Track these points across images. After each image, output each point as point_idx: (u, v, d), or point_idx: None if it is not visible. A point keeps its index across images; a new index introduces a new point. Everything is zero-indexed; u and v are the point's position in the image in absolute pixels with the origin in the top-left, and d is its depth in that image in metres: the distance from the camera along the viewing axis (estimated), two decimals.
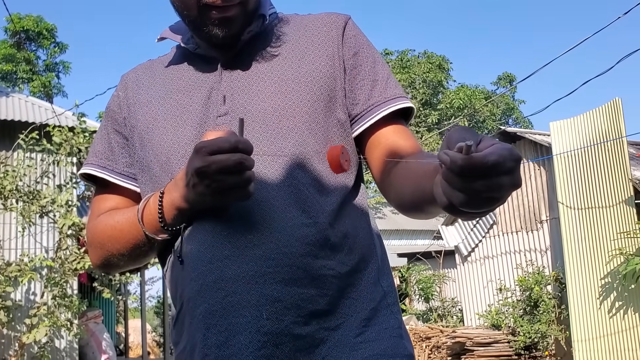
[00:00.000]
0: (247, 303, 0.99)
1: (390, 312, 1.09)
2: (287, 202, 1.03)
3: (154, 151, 1.13)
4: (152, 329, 21.61)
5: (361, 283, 1.06)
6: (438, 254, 12.56)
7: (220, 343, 1.00)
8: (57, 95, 26.20)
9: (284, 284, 0.99)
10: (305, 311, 1.00)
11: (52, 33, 25.55)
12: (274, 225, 1.01)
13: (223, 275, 1.00)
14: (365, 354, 1.02)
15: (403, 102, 1.16)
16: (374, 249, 1.12)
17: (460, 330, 8.88)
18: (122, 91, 1.24)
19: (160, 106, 1.16)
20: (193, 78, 1.16)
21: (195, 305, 1.03)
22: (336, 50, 1.16)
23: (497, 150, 0.71)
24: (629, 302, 7.42)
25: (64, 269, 8.04)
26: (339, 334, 1.02)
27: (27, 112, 9.73)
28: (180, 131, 1.11)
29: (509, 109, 29.77)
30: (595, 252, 7.80)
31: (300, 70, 1.13)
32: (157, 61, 1.26)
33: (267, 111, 1.09)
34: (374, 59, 1.19)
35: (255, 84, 1.12)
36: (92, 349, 10.18)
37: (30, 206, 7.88)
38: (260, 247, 1.00)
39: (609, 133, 7.82)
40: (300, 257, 1.00)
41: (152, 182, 1.14)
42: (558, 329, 8.59)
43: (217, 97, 1.12)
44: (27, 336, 7.70)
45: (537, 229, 9.60)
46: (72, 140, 8.11)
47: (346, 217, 1.08)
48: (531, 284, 8.85)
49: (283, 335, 0.98)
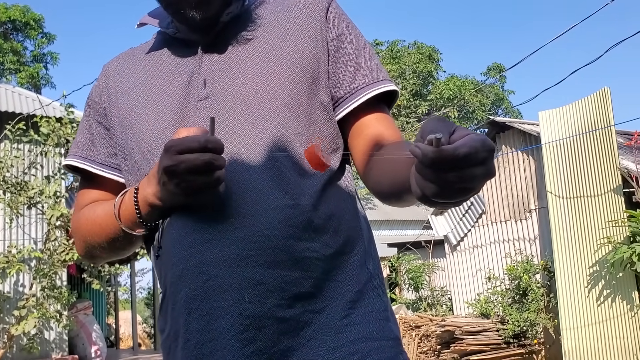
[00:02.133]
0: (229, 286, 0.97)
1: (377, 295, 1.08)
2: (269, 184, 1.01)
3: (135, 138, 1.12)
4: (142, 321, 21.60)
5: (347, 265, 1.05)
6: (427, 243, 12.60)
7: (202, 327, 0.99)
8: (45, 86, 26.02)
9: (266, 267, 0.98)
10: (289, 294, 0.98)
11: (40, 23, 25.32)
12: (256, 208, 1.00)
13: (204, 259, 0.99)
14: (350, 337, 1.01)
15: (387, 85, 1.15)
16: (360, 231, 1.11)
17: (450, 319, 8.92)
18: (103, 81, 1.22)
19: (141, 93, 1.14)
20: (173, 63, 1.15)
21: (176, 290, 1.02)
22: (319, 32, 1.14)
23: (468, 141, 0.71)
24: (616, 290, 7.47)
25: (53, 260, 8.02)
26: (324, 316, 1.01)
27: (14, 103, 9.66)
28: (161, 116, 1.10)
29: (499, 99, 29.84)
30: (583, 241, 7.84)
31: (282, 51, 1.11)
32: (139, 49, 1.25)
33: (249, 93, 1.07)
34: (357, 41, 1.17)
35: (236, 66, 1.10)
36: (82, 341, 10.17)
37: (18, 197, 7.84)
38: (242, 230, 0.99)
39: (598, 122, 7.85)
40: (282, 240, 0.99)
41: (133, 171, 1.13)
42: (547, 317, 8.65)
43: (197, 80, 1.11)
44: (15, 328, 7.68)
45: (526, 218, 9.64)
46: (59, 131, 8.07)
47: (331, 199, 1.06)
48: (520, 273, 8.89)
49: (266, 318, 0.97)
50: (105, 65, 1.26)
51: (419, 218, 19.69)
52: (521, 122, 10.23)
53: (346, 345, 1.00)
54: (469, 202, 10.56)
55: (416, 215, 20.69)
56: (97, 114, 1.21)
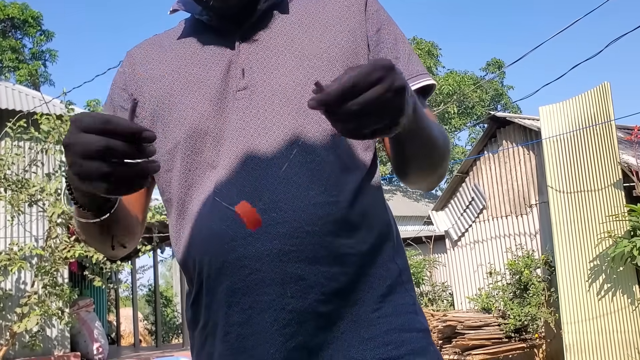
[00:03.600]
0: (271, 281, 0.98)
1: (405, 290, 1.09)
2: (310, 180, 1.01)
3: (169, 128, 1.10)
4: (143, 318, 21.62)
5: (379, 260, 1.06)
6: (428, 239, 12.61)
7: (243, 321, 1.00)
8: (44, 84, 25.97)
9: (307, 263, 0.99)
10: (329, 289, 0.99)
11: (38, 21, 25.26)
12: (297, 204, 1.00)
13: (246, 253, 0.99)
14: (383, 328, 1.03)
15: (426, 79, 1.15)
16: (390, 227, 1.12)
17: (451, 314, 8.93)
18: (129, 67, 1.19)
19: (175, 81, 1.12)
20: (209, 51, 1.12)
21: (216, 283, 1.02)
22: (358, 26, 1.13)
23: (358, 70, 0.77)
24: (617, 284, 7.49)
25: (54, 258, 8.02)
26: (357, 309, 1.02)
27: (14, 101, 9.65)
28: (200, 106, 1.08)
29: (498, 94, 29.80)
30: (584, 235, 7.86)
31: (321, 45, 1.10)
32: (165, 35, 1.22)
33: (288, 86, 1.06)
34: (395, 35, 1.17)
35: (274, 57, 1.09)
36: (84, 338, 10.17)
37: (19, 195, 7.84)
38: (283, 225, 0.99)
39: (598, 117, 7.85)
40: (323, 236, 0.99)
41: (165, 161, 1.11)
42: (548, 311, 8.67)
43: (235, 70, 1.09)
44: (18, 325, 7.69)
45: (527, 213, 9.65)
46: (60, 128, 8.05)
47: (365, 196, 1.07)
48: (521, 268, 8.90)
49: (307, 313, 0.99)
50: (130, 51, 1.23)
51: (419, 214, 19.70)
52: (521, 117, 10.23)
53: (380, 336, 1.02)
54: (469, 197, 10.57)
55: (417, 211, 20.70)
56: (123, 99, 1.18)
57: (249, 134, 1.05)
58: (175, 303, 20.90)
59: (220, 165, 1.05)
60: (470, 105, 28.23)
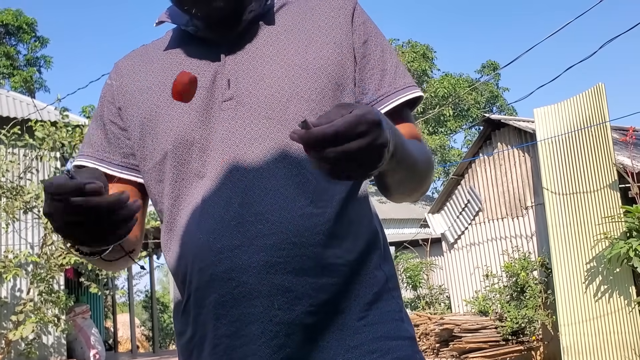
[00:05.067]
0: (259, 293, 0.98)
1: (392, 297, 1.09)
2: (296, 191, 1.02)
3: (157, 139, 1.10)
4: (140, 323, 21.56)
5: (365, 268, 1.06)
6: (425, 242, 12.62)
7: (231, 333, 1.00)
8: (39, 90, 25.93)
9: (294, 274, 0.99)
10: (317, 300, 1.00)
11: (32, 27, 25.25)
12: (284, 215, 1.00)
13: (233, 265, 0.99)
14: (369, 336, 1.02)
15: (413, 91, 1.15)
16: (377, 235, 1.12)
17: (448, 317, 8.93)
18: (117, 79, 1.20)
19: (162, 92, 1.12)
20: (195, 62, 1.12)
21: (204, 295, 1.02)
22: (344, 37, 1.13)
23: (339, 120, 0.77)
24: (614, 285, 7.49)
25: (50, 265, 8.00)
26: (343, 317, 1.02)
27: (8, 107, 9.63)
28: (186, 117, 1.08)
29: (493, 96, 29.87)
30: (580, 237, 7.86)
31: (307, 56, 1.09)
32: (152, 46, 1.22)
33: (274, 97, 1.06)
34: (382, 47, 1.16)
35: (260, 67, 1.09)
36: (80, 345, 10.14)
37: (13, 202, 7.82)
38: (270, 238, 0.99)
39: (593, 118, 7.87)
40: (310, 247, 1.00)
41: (154, 171, 1.12)
42: (545, 313, 8.67)
43: (221, 81, 1.09)
44: (13, 333, 7.66)
45: (523, 215, 9.66)
46: (55, 134, 8.04)
47: (352, 206, 1.07)
48: (517, 270, 8.91)
49: (294, 325, 0.99)
50: (118, 63, 1.23)
51: (415, 217, 19.71)
52: (516, 119, 10.25)
53: (365, 344, 1.02)
54: (465, 199, 10.58)
55: (413, 213, 20.71)
56: (111, 113, 1.18)
57: (234, 144, 1.05)
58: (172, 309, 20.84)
59: (207, 176, 1.05)
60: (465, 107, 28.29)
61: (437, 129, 27.48)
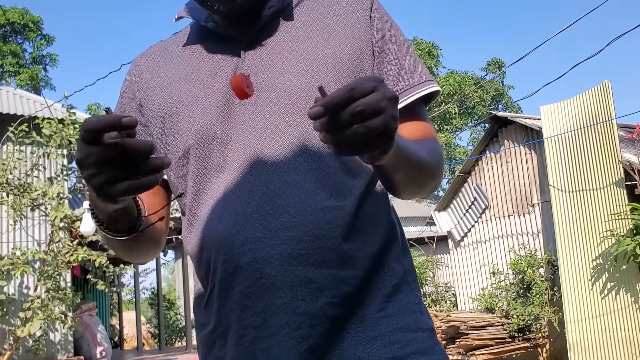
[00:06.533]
0: (282, 284, 1.00)
1: (410, 289, 1.10)
2: (316, 185, 1.03)
3: (179, 135, 1.11)
4: (146, 321, 21.61)
5: (385, 261, 1.07)
6: (431, 239, 12.61)
7: (258, 324, 1.02)
8: (45, 88, 25.98)
9: (317, 266, 1.00)
10: (339, 292, 1.01)
11: (38, 25, 25.27)
12: (305, 208, 1.01)
13: (257, 257, 1.01)
14: (389, 327, 1.04)
15: (430, 86, 1.16)
16: (395, 228, 1.13)
17: (455, 315, 8.93)
18: (136, 76, 1.20)
19: (182, 88, 1.13)
20: (215, 58, 1.13)
21: (228, 287, 1.04)
22: (363, 32, 1.14)
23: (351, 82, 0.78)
24: (620, 282, 7.48)
25: (57, 262, 8.03)
26: (363, 308, 1.04)
27: (15, 105, 9.66)
28: (207, 112, 1.09)
29: (499, 94, 29.79)
30: (586, 234, 7.85)
31: (326, 51, 1.10)
32: (171, 42, 1.23)
33: (294, 91, 1.07)
34: (399, 41, 1.17)
35: (279, 62, 1.10)
36: (87, 342, 10.18)
37: (21, 199, 7.85)
38: (292, 230, 1.00)
39: (599, 116, 7.85)
40: (331, 240, 1.01)
41: (178, 166, 1.13)
42: (551, 310, 8.66)
43: None
44: (21, 330, 7.70)
45: (529, 212, 9.64)
46: (62, 132, 8.06)
47: (371, 199, 1.08)
48: (524, 267, 8.90)
49: (318, 316, 1.00)
50: (137, 59, 1.23)
51: (421, 215, 19.69)
52: (523, 116, 10.23)
53: (386, 336, 1.03)
54: (472, 197, 10.57)
55: (418, 211, 20.69)
56: (132, 110, 1.19)
57: (255, 138, 1.06)
58: (178, 306, 20.90)
59: (228, 170, 1.07)
60: (471, 105, 28.23)
61: (443, 126, 27.42)
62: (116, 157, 0.80)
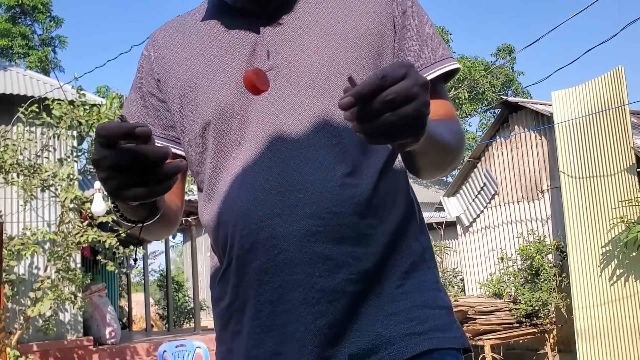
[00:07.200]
0: (300, 261, 1.00)
1: (427, 267, 1.10)
2: (335, 161, 1.02)
3: (197, 110, 1.10)
4: (154, 303, 21.77)
5: (403, 239, 1.07)
6: (439, 225, 12.60)
7: (274, 299, 1.02)
8: (54, 70, 26.00)
9: (334, 243, 1.00)
10: (357, 269, 1.01)
11: (47, 7, 25.25)
12: (323, 185, 1.01)
13: (275, 233, 1.00)
14: (407, 304, 1.04)
15: (451, 63, 1.15)
16: (413, 206, 1.13)
17: (463, 299, 8.94)
18: (154, 51, 1.20)
19: (200, 64, 1.12)
20: (234, 33, 1.12)
21: (246, 262, 1.04)
22: (384, 7, 1.13)
23: (381, 69, 0.77)
24: (629, 269, 7.46)
25: (67, 243, 8.06)
26: (380, 285, 1.04)
27: (25, 86, 9.67)
28: (225, 88, 1.08)
29: (509, 80, 29.62)
30: (596, 221, 7.82)
31: (346, 25, 1.09)
32: (188, 17, 1.22)
33: (314, 67, 1.06)
34: (420, 18, 1.16)
35: (299, 38, 1.09)
36: (96, 322, 10.26)
37: (31, 180, 7.87)
38: (310, 206, 1.00)
39: (612, 102, 7.79)
40: (349, 217, 1.01)
41: (196, 143, 1.12)
42: (559, 296, 8.66)
43: (260, 52, 1.09)
44: (31, 309, 7.75)
45: (539, 198, 9.61)
46: (72, 113, 8.06)
47: (389, 176, 1.08)
48: (532, 253, 8.89)
49: (336, 292, 1.00)
50: (154, 34, 1.23)
51: (429, 200, 19.67)
52: (534, 102, 10.16)
53: (403, 312, 1.03)
54: (481, 183, 10.54)
55: (427, 197, 20.67)
56: (150, 85, 1.18)
57: (274, 114, 1.05)
58: (187, 288, 21.03)
59: (247, 146, 1.06)
60: (480, 90, 28.09)
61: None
62: (130, 162, 0.81)
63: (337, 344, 1.00)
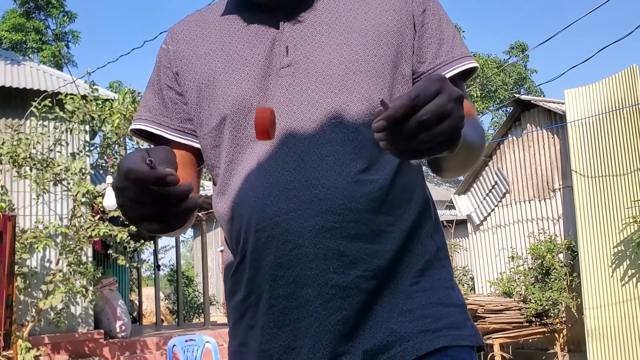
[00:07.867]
0: (314, 256, 1.00)
1: (442, 266, 1.10)
2: (351, 157, 1.02)
3: (215, 104, 1.11)
4: (165, 297, 21.88)
5: (418, 237, 1.07)
6: (450, 223, 12.57)
7: (288, 294, 1.02)
8: (67, 65, 26.13)
9: (349, 239, 1.00)
10: (371, 265, 1.01)
11: (61, 2, 25.37)
12: (339, 180, 1.01)
13: (290, 228, 1.00)
14: (422, 301, 1.04)
15: (469, 62, 1.15)
16: (429, 204, 1.13)
17: (472, 298, 8.91)
18: (173, 45, 1.20)
19: (219, 58, 1.12)
20: (253, 29, 1.12)
21: (260, 256, 1.04)
22: (403, 5, 1.13)
23: (413, 88, 0.76)
24: None
25: (79, 236, 8.12)
26: (395, 282, 1.04)
27: (38, 81, 9.73)
28: (244, 84, 1.08)
29: (521, 78, 29.46)
30: (608, 220, 7.77)
31: (366, 23, 1.10)
32: (207, 11, 1.22)
33: (332, 63, 1.06)
34: (439, 16, 1.16)
35: (318, 35, 1.09)
36: (107, 316, 10.32)
37: (44, 174, 7.93)
38: (325, 202, 1.00)
39: (625, 100, 7.73)
40: (364, 213, 1.01)
41: (212, 136, 1.12)
42: (569, 296, 8.62)
43: (279, 48, 1.09)
44: (43, 302, 7.81)
45: (550, 197, 9.57)
46: (84, 108, 8.11)
47: (405, 173, 1.08)
48: (543, 252, 8.85)
49: (350, 288, 1.00)
50: (173, 28, 1.23)
51: (439, 198, 19.61)
52: (546, 100, 10.10)
53: (418, 309, 1.03)
54: (492, 181, 10.49)
55: (437, 195, 20.61)
56: (168, 78, 1.19)
57: (291, 110, 1.05)
58: (197, 283, 21.11)
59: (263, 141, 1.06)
60: (493, 88, 27.96)
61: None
62: (152, 200, 0.82)
63: (351, 339, 1.01)
